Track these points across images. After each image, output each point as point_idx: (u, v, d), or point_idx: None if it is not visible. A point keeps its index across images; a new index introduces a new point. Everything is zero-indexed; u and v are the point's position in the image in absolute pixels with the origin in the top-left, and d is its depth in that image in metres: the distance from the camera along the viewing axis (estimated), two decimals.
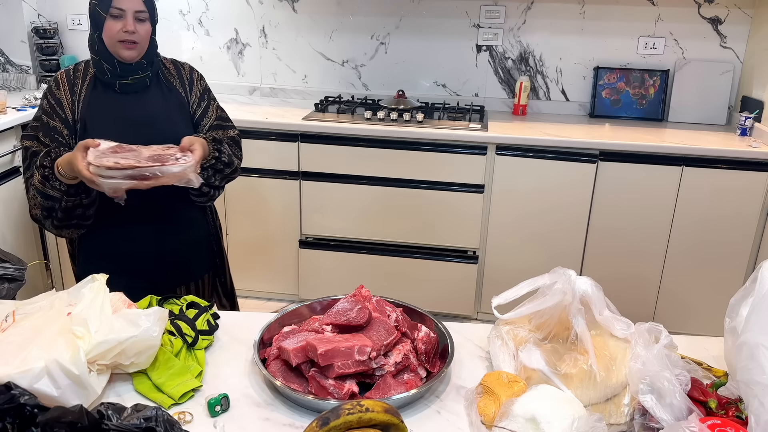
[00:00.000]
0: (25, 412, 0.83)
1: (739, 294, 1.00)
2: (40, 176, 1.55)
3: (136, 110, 1.69)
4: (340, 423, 0.82)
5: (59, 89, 1.69)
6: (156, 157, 1.43)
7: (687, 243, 2.62)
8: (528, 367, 1.03)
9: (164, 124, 1.70)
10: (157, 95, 1.74)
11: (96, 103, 1.67)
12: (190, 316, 1.18)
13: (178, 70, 1.81)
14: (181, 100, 1.76)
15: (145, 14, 1.64)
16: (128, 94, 1.70)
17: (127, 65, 1.65)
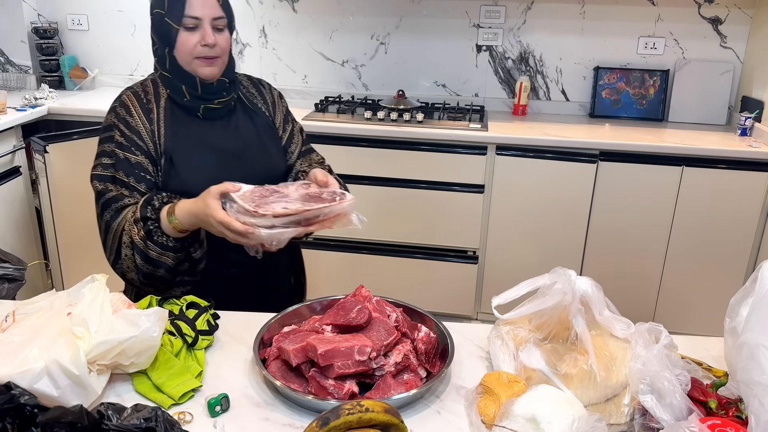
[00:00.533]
0: (25, 412, 0.83)
1: (739, 294, 1.00)
2: (143, 232, 1.29)
3: (226, 139, 1.45)
4: (340, 423, 0.82)
5: (132, 116, 1.41)
6: (310, 197, 1.23)
7: (687, 243, 2.62)
8: (528, 367, 1.03)
9: (258, 155, 1.47)
10: (244, 120, 1.50)
11: (181, 132, 1.42)
12: (190, 316, 1.18)
13: (258, 88, 1.57)
14: (269, 124, 1.53)
15: (223, 21, 1.39)
16: (213, 121, 1.45)
17: (209, 85, 1.41)
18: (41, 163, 2.52)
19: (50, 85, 3.18)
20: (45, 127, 2.86)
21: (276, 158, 1.51)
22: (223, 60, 1.41)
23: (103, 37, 3.35)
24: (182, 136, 1.41)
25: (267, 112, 1.54)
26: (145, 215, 1.29)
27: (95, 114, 2.81)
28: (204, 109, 1.42)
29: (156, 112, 1.42)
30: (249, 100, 1.53)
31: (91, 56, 3.37)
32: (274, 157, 1.51)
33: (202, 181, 1.32)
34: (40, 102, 2.87)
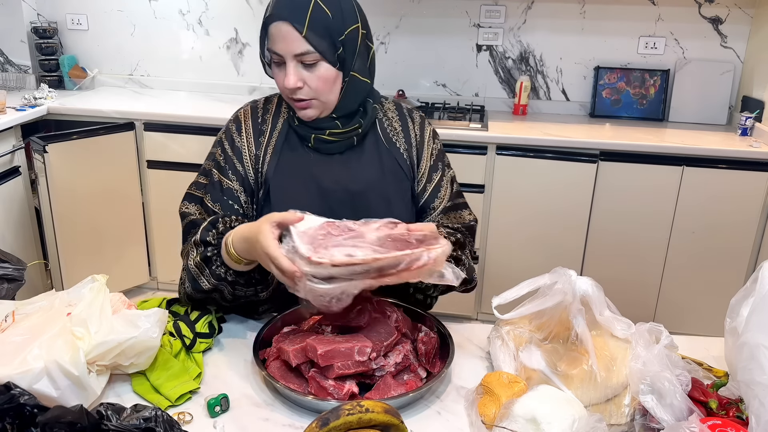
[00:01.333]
0: (25, 412, 0.83)
1: (739, 294, 1.00)
2: (200, 257, 1.11)
3: (338, 179, 1.22)
4: (339, 423, 0.82)
5: (240, 134, 1.24)
6: (391, 240, 0.96)
7: (687, 243, 2.62)
8: (528, 368, 1.03)
9: (375, 203, 1.22)
10: (371, 159, 1.24)
11: (285, 161, 1.22)
12: (193, 318, 1.18)
13: (404, 121, 1.30)
14: (402, 166, 1.26)
15: (313, 55, 1.12)
16: (331, 156, 1.23)
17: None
18: (41, 163, 2.52)
19: (50, 85, 3.18)
20: (44, 127, 2.86)
21: (398, 210, 1.23)
22: (322, 101, 1.17)
23: (102, 36, 3.35)
24: (288, 166, 1.22)
25: (405, 151, 1.27)
26: (206, 239, 1.11)
27: (95, 114, 2.81)
28: (315, 139, 1.21)
29: (269, 133, 1.24)
30: (386, 134, 1.27)
31: (90, 56, 3.37)
32: (396, 209, 1.23)
33: None
34: (39, 102, 2.87)
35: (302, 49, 1.11)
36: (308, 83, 1.15)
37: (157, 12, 3.27)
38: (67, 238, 2.61)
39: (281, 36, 1.12)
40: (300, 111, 1.19)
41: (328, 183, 1.22)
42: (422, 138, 1.30)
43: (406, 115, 1.32)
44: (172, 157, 2.77)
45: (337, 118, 1.21)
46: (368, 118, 1.25)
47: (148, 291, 2.97)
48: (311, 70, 1.14)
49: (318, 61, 1.13)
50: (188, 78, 3.33)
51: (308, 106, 1.18)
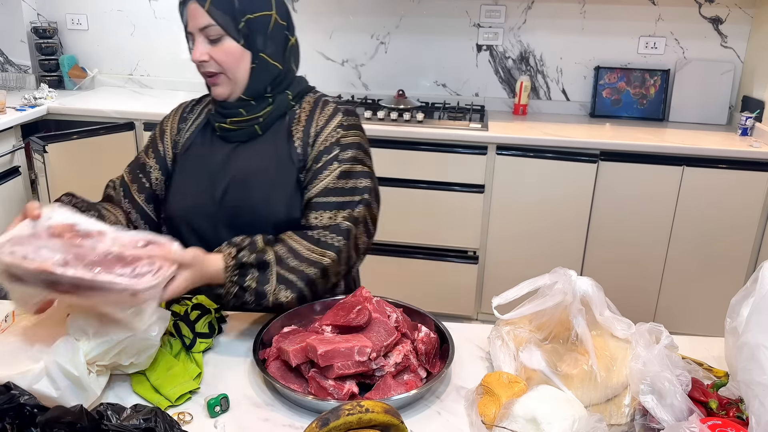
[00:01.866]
0: (25, 412, 0.83)
1: (739, 294, 1.00)
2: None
3: (228, 167, 1.27)
4: (339, 423, 0.82)
5: (169, 119, 1.35)
6: (112, 259, 0.93)
7: (688, 243, 2.62)
8: (528, 368, 1.03)
9: (255, 193, 1.24)
10: (266, 149, 1.27)
11: (195, 145, 1.31)
12: (192, 317, 1.17)
13: (312, 114, 1.28)
14: (291, 155, 1.26)
15: (214, 29, 1.18)
16: (229, 143, 1.28)
17: (223, 102, 1.26)
18: (40, 162, 2.52)
19: (50, 85, 3.18)
20: (44, 127, 2.86)
21: (275, 202, 1.24)
22: (230, 76, 1.21)
23: (102, 36, 3.35)
24: (194, 154, 1.30)
25: (299, 140, 1.26)
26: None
27: (95, 114, 2.81)
28: (218, 127, 1.28)
29: (192, 121, 1.32)
30: (289, 127, 1.28)
31: (90, 56, 3.37)
32: (272, 200, 1.24)
33: (183, 207, 1.27)
34: (39, 102, 2.87)
35: (205, 23, 1.18)
36: (213, 56, 1.20)
37: (157, 12, 3.27)
38: None
39: (190, 14, 1.20)
40: (212, 89, 1.25)
41: (218, 170, 1.28)
42: (324, 126, 1.27)
43: (318, 106, 1.30)
44: None
45: (246, 101, 1.25)
46: (273, 108, 1.27)
47: None
48: (216, 45, 1.20)
49: (221, 35, 1.19)
50: (188, 78, 3.32)
51: (217, 81, 1.23)
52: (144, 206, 1.32)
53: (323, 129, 1.27)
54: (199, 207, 1.26)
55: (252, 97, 1.25)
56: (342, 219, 1.22)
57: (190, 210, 1.27)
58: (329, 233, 1.19)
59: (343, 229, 1.21)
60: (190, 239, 1.29)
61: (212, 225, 1.28)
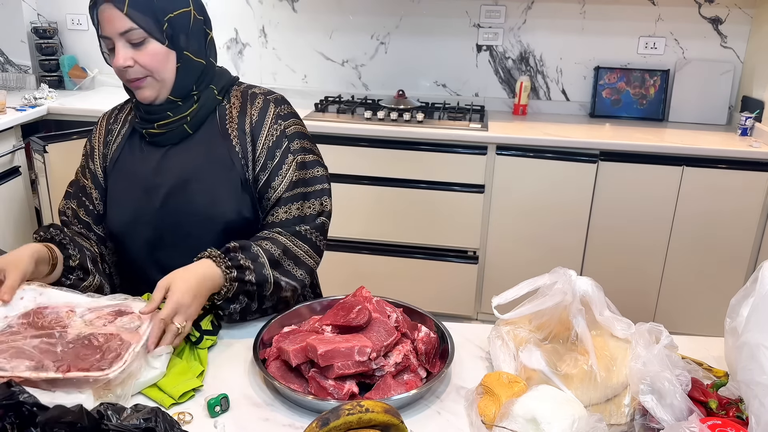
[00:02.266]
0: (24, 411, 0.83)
1: (739, 294, 1.00)
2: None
3: (160, 173, 1.23)
4: (340, 423, 0.82)
5: (94, 135, 1.32)
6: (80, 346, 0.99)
7: (687, 243, 2.62)
8: (528, 368, 1.03)
9: (196, 192, 1.21)
10: (200, 148, 1.24)
11: (124, 157, 1.27)
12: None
13: (243, 108, 1.26)
14: (232, 159, 1.23)
15: (137, 32, 1.13)
16: (160, 147, 1.24)
17: (149, 105, 1.21)
18: (41, 163, 2.52)
19: (50, 85, 3.18)
20: (44, 127, 2.86)
21: (221, 203, 1.21)
22: (157, 79, 1.17)
23: None
24: (124, 165, 1.25)
25: (236, 138, 1.24)
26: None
27: (95, 114, 2.81)
28: (147, 133, 1.23)
29: (117, 132, 1.29)
30: (222, 123, 1.25)
31: (90, 56, 3.37)
32: (217, 202, 1.22)
33: (123, 220, 1.25)
34: (39, 102, 2.87)
35: (126, 27, 1.12)
36: (138, 61, 1.15)
37: None
38: None
39: (106, 18, 1.14)
40: (137, 92, 1.19)
41: (152, 177, 1.23)
42: (260, 121, 1.25)
43: (248, 100, 1.28)
44: None
45: (173, 102, 1.21)
46: (202, 104, 1.23)
47: None
48: (140, 48, 1.15)
49: (145, 38, 1.14)
50: None
51: (143, 84, 1.17)
52: (95, 228, 1.30)
53: (261, 124, 1.25)
54: (140, 217, 1.23)
55: (179, 96, 1.21)
56: (313, 211, 1.26)
57: (131, 222, 1.24)
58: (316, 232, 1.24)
59: (319, 225, 1.26)
60: (134, 251, 1.27)
61: (157, 233, 1.25)
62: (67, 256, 1.17)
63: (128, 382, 0.98)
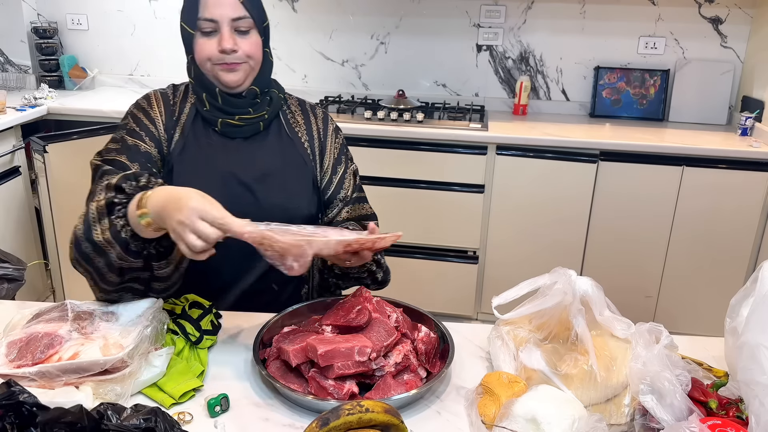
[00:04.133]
0: (23, 410, 0.83)
1: (739, 294, 1.00)
2: (105, 201, 1.05)
3: (239, 164, 1.25)
4: (339, 423, 0.82)
5: (152, 109, 1.27)
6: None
7: (687, 243, 2.62)
8: (528, 368, 1.03)
9: (274, 192, 1.25)
10: (273, 147, 1.29)
11: (191, 144, 1.25)
12: (194, 316, 1.18)
13: (306, 116, 1.35)
14: (304, 159, 1.31)
15: (247, 21, 1.20)
16: (233, 140, 1.27)
17: (233, 98, 1.24)
18: (41, 163, 2.52)
19: (50, 85, 3.18)
20: (44, 127, 2.86)
21: (298, 199, 1.27)
22: (250, 66, 1.23)
23: (102, 36, 3.35)
24: (192, 151, 1.25)
25: (306, 142, 1.32)
26: (121, 185, 1.05)
27: (95, 114, 2.81)
28: (222, 123, 1.25)
29: (178, 114, 1.27)
30: (289, 126, 1.32)
31: (90, 56, 3.37)
32: (295, 199, 1.28)
33: None
34: (39, 102, 2.87)
35: (239, 14, 1.19)
36: (241, 47, 1.21)
37: (157, 12, 3.27)
38: (67, 238, 2.59)
39: (218, 2, 1.18)
40: (227, 74, 1.22)
41: (229, 169, 1.25)
42: (325, 132, 1.35)
43: (308, 110, 1.38)
44: None
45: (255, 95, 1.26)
46: (274, 104, 1.30)
47: None
48: (244, 37, 1.21)
49: (250, 28, 1.22)
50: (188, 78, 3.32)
51: (237, 68, 1.22)
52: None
53: (326, 135, 1.36)
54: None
55: (260, 88, 1.27)
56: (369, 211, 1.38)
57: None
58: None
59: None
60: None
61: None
62: None
63: (127, 380, 0.98)
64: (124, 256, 1.04)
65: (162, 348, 1.06)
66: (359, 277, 1.30)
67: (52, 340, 1.00)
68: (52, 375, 0.94)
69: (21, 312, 1.12)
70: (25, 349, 0.99)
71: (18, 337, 1.01)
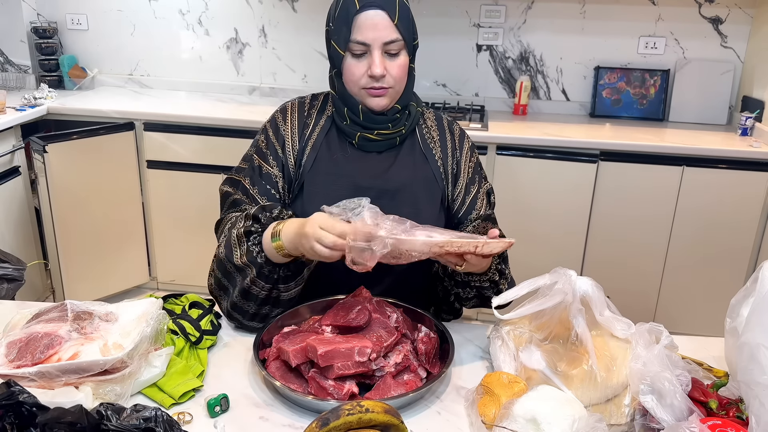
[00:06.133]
0: (23, 410, 0.83)
1: (739, 294, 1.00)
2: (244, 229, 1.14)
3: (371, 177, 1.25)
4: (339, 423, 0.82)
5: (285, 122, 1.28)
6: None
7: (687, 243, 2.62)
8: (528, 368, 1.03)
9: (402, 208, 1.20)
10: (405, 162, 1.27)
11: (324, 157, 1.25)
12: (194, 316, 1.18)
13: (442, 132, 1.33)
14: (436, 177, 1.29)
15: (399, 44, 1.18)
16: (368, 153, 1.26)
17: (375, 114, 1.23)
18: (40, 162, 2.52)
19: (49, 85, 3.18)
20: (44, 127, 2.86)
21: (426, 215, 1.25)
22: (396, 90, 1.22)
23: (102, 36, 3.35)
24: (325, 163, 1.25)
25: (440, 159, 1.30)
26: (257, 215, 1.14)
27: (95, 114, 2.81)
28: (360, 137, 1.24)
29: (311, 128, 1.27)
30: (424, 141, 1.30)
31: (90, 56, 3.37)
32: (424, 213, 1.25)
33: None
34: (39, 102, 2.87)
35: (392, 37, 1.16)
36: (390, 72, 1.19)
37: (157, 12, 3.27)
38: (67, 238, 2.61)
39: (372, 24, 1.15)
40: (374, 99, 1.21)
41: (363, 181, 1.25)
42: (461, 151, 1.33)
43: (445, 127, 1.35)
44: (172, 157, 2.77)
45: (395, 113, 1.25)
46: (412, 119, 1.28)
47: (147, 291, 2.97)
48: (393, 59, 1.19)
49: (401, 50, 1.19)
50: (188, 78, 3.33)
51: (384, 95, 1.20)
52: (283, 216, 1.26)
53: (462, 153, 1.33)
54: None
55: (402, 105, 1.25)
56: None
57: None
58: None
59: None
60: None
61: None
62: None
63: (127, 381, 0.98)
64: (256, 279, 1.14)
65: (162, 348, 1.06)
66: (480, 287, 1.25)
67: (51, 340, 1.00)
68: (51, 375, 0.94)
69: (21, 312, 1.11)
70: (25, 349, 0.98)
71: (18, 337, 1.01)
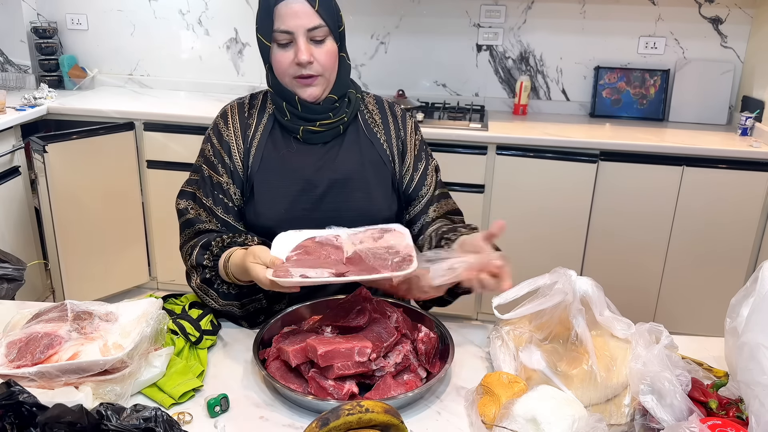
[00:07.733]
0: (23, 410, 0.83)
1: (739, 294, 1.00)
2: (199, 279, 1.20)
3: (318, 169, 1.26)
4: (339, 423, 0.82)
5: (227, 128, 1.28)
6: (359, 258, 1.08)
7: (687, 243, 2.62)
8: (528, 368, 1.03)
9: (354, 194, 1.26)
10: (351, 149, 1.29)
11: (270, 156, 1.26)
12: (194, 316, 1.18)
13: (384, 115, 1.34)
14: (383, 159, 1.31)
15: (323, 30, 1.19)
16: (314, 146, 1.27)
17: (311, 104, 1.23)
18: (40, 162, 2.52)
19: (49, 85, 3.18)
20: (44, 127, 2.86)
21: (378, 198, 1.28)
22: (326, 77, 1.22)
23: (102, 36, 3.34)
24: (271, 161, 1.26)
25: (385, 142, 1.31)
26: (202, 262, 1.18)
27: (95, 114, 2.81)
28: (303, 131, 1.24)
29: (254, 128, 1.27)
30: (367, 125, 1.31)
31: (90, 56, 3.37)
32: (375, 200, 1.28)
33: (276, 214, 1.24)
34: (39, 102, 2.87)
35: (315, 23, 1.17)
36: (317, 58, 1.19)
37: (157, 12, 3.27)
38: (67, 238, 2.61)
39: (293, 13, 1.16)
40: (306, 89, 1.21)
41: (311, 173, 1.26)
42: (405, 130, 1.35)
43: (386, 109, 1.36)
44: (171, 157, 2.77)
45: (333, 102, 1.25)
46: (353, 107, 1.29)
47: (147, 291, 2.97)
48: (320, 46, 1.19)
49: (326, 37, 1.20)
50: (188, 78, 3.33)
51: (314, 82, 1.21)
52: (235, 225, 1.28)
53: (406, 133, 1.35)
54: (295, 212, 1.24)
55: (338, 95, 1.26)
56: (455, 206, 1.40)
57: (285, 217, 1.23)
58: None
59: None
60: None
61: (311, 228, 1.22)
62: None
63: (127, 381, 0.98)
64: (243, 303, 1.21)
65: (162, 348, 1.06)
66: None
67: (51, 340, 1.00)
68: (51, 375, 0.94)
69: (21, 312, 1.12)
70: (25, 349, 0.98)
71: (18, 337, 1.01)
